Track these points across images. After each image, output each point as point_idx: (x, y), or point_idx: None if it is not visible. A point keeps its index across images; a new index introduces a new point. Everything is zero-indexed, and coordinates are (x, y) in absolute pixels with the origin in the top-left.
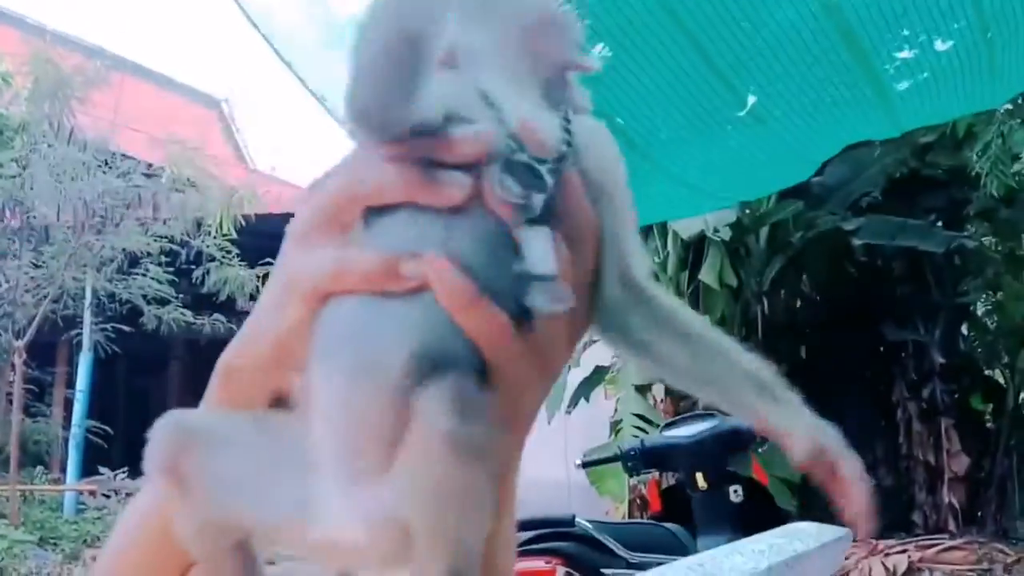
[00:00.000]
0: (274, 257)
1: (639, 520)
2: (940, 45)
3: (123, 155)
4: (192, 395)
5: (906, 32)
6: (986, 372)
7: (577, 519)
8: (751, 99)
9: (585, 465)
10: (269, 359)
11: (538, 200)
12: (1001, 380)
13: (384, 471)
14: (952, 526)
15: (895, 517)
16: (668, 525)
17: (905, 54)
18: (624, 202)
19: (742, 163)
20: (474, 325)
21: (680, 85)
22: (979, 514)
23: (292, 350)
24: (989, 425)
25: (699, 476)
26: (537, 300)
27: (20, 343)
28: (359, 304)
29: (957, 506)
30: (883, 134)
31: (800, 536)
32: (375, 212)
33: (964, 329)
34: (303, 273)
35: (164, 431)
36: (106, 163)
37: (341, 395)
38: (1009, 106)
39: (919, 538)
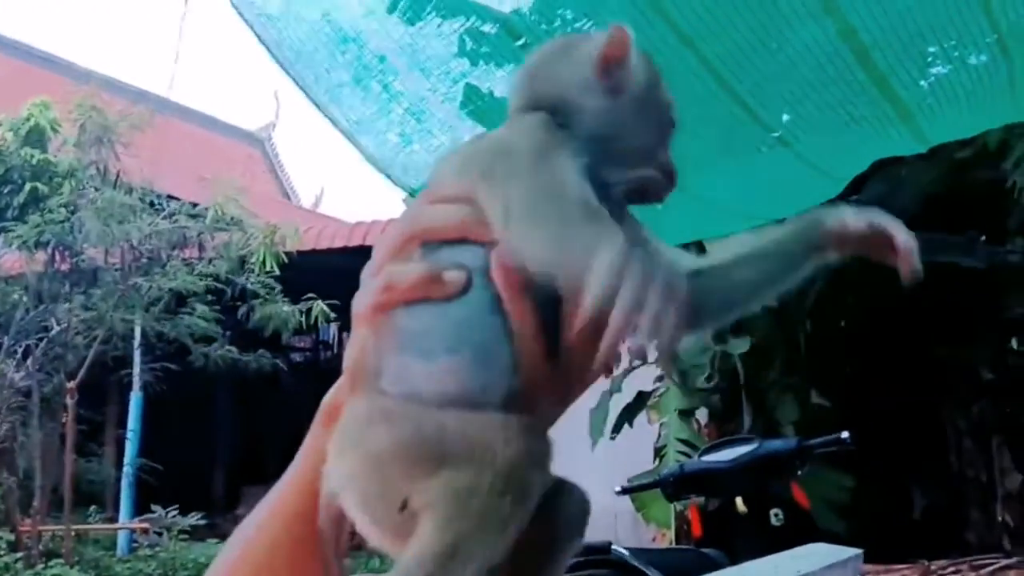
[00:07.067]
0: (317, 292)
1: (676, 546)
2: (958, 63)
3: (169, 196)
4: (241, 431)
5: (922, 51)
6: None
7: (613, 546)
8: (773, 122)
9: (626, 491)
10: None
11: None
12: None
13: None
14: (1006, 544)
15: (948, 537)
16: (706, 550)
17: (922, 73)
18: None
19: (769, 183)
20: (518, 311)
21: (701, 111)
22: None
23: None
24: None
25: (739, 500)
26: None
27: (72, 384)
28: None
29: (1011, 524)
30: (909, 150)
31: (809, 556)
32: (430, 246)
33: (1014, 344)
34: (362, 296)
35: None
36: (152, 205)
37: None
38: None
39: (972, 558)
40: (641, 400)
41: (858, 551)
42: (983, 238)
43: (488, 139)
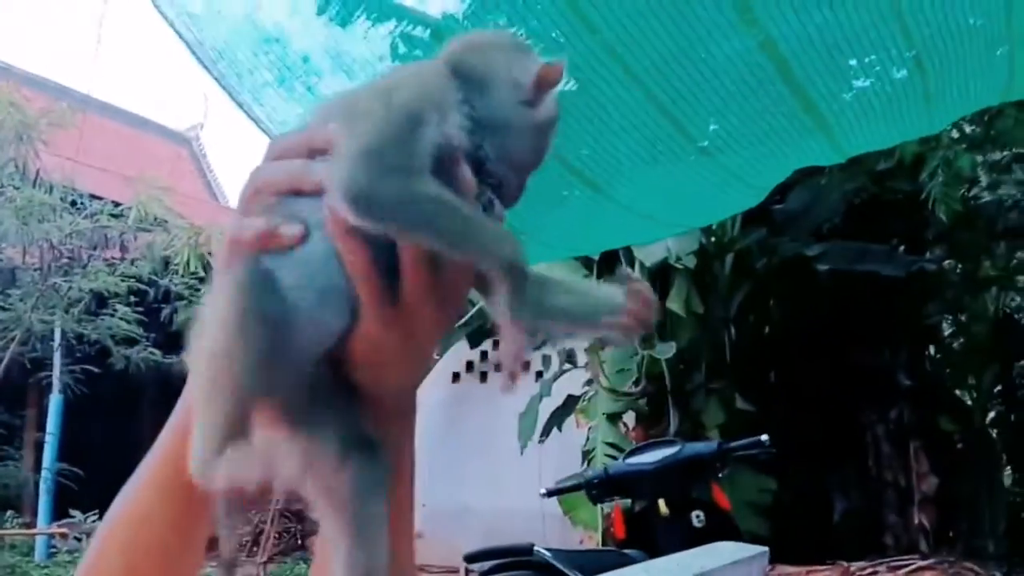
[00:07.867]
0: None
1: (598, 548)
2: (875, 77)
3: (91, 195)
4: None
5: (840, 64)
6: (955, 392)
7: (535, 547)
8: (696, 132)
9: (551, 494)
10: None
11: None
12: (968, 400)
13: None
14: (923, 546)
15: (866, 539)
16: (628, 551)
17: (840, 85)
18: None
19: (691, 192)
20: (347, 252)
21: (625, 120)
22: (950, 534)
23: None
24: (958, 445)
25: (661, 502)
26: None
27: None
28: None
29: (928, 526)
30: (827, 160)
31: (713, 554)
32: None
33: (931, 350)
34: (218, 248)
35: None
36: (73, 204)
37: None
38: (955, 133)
39: (890, 559)
40: (570, 404)
41: (764, 549)
42: (902, 247)
43: (379, 81)
